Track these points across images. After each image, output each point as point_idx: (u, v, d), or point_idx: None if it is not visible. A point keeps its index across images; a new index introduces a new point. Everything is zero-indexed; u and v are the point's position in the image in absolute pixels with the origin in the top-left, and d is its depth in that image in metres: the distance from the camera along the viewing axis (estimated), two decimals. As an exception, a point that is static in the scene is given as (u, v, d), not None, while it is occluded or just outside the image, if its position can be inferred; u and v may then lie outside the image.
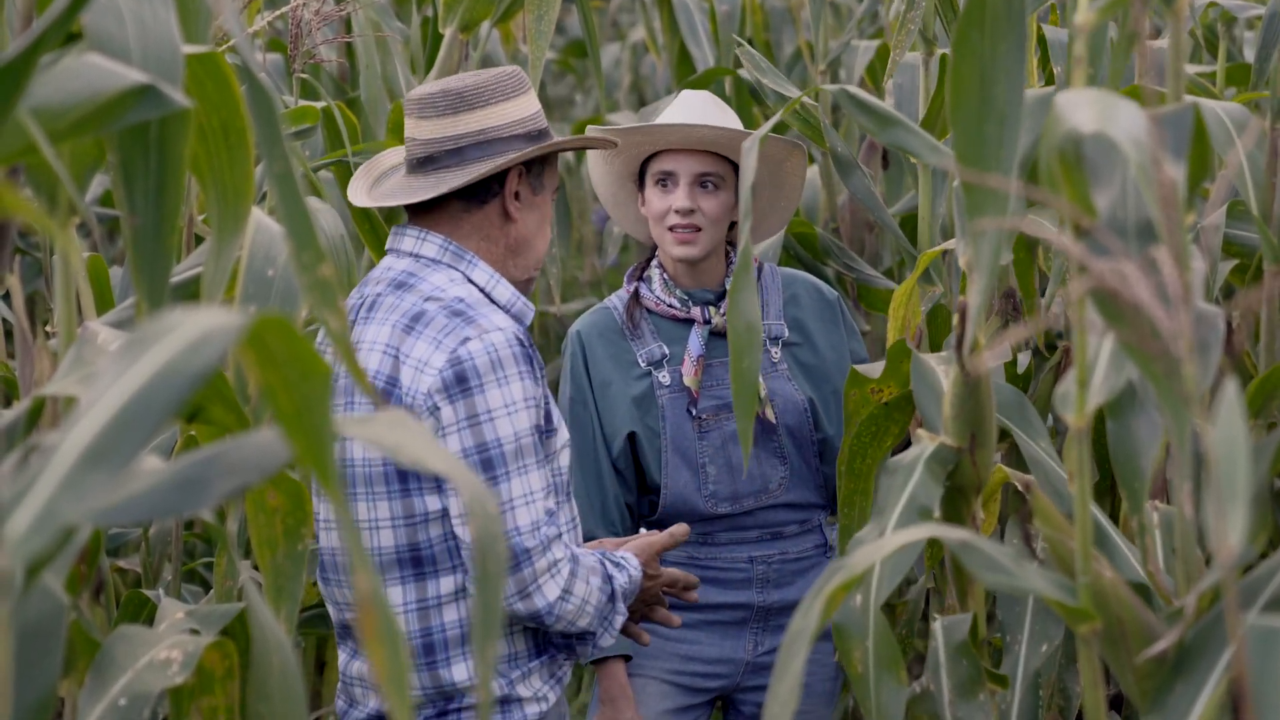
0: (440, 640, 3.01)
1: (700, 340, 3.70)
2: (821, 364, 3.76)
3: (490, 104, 3.08)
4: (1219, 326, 2.07)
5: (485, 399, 2.94)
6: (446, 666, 3.01)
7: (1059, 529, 2.41)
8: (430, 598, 3.01)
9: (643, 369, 3.72)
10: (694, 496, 3.69)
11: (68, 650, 2.34)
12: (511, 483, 2.94)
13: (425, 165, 3.10)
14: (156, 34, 2.10)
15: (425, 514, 2.98)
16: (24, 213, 1.72)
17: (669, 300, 3.73)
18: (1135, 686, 2.27)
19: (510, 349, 2.96)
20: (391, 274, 3.09)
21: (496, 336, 2.96)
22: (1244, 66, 4.64)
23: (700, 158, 3.67)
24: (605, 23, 10.07)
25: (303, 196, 1.91)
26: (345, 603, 3.10)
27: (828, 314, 3.81)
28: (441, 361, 2.95)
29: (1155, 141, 1.96)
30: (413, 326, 3.00)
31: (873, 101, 3.12)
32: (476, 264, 3.08)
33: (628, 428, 3.70)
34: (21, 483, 1.59)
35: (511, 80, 3.11)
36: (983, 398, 2.80)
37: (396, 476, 2.98)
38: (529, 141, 3.10)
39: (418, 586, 3.00)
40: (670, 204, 3.67)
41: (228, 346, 1.63)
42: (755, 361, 2.82)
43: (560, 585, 2.97)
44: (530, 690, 3.06)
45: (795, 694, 2.13)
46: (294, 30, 3.94)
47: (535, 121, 3.12)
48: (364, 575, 1.67)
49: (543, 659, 3.09)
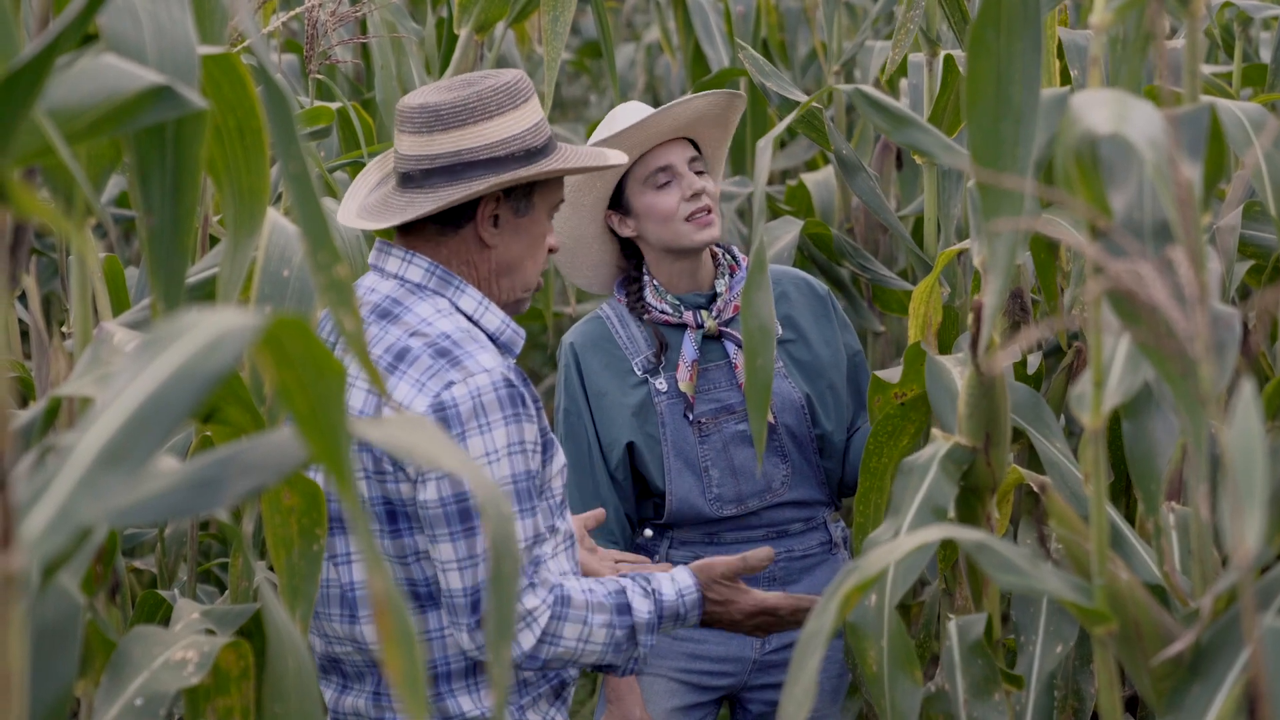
0: (444, 673, 2.97)
1: (694, 345, 3.69)
2: (816, 360, 3.76)
3: (466, 124, 2.95)
4: (1235, 327, 2.07)
5: (465, 447, 2.84)
6: (452, 697, 2.98)
7: (1074, 530, 2.41)
8: (432, 629, 2.96)
9: (638, 377, 3.71)
10: (699, 501, 3.69)
11: (84, 650, 2.34)
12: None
13: (404, 183, 3.00)
14: (172, 35, 2.10)
15: (417, 552, 2.93)
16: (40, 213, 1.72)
17: (660, 306, 3.72)
18: (1151, 688, 2.26)
19: (495, 393, 2.86)
20: (375, 297, 3.00)
21: (482, 380, 2.86)
22: (1260, 67, 4.63)
23: (684, 145, 3.68)
24: (620, 23, 10.07)
25: (318, 197, 1.91)
26: (335, 636, 3.03)
27: (819, 309, 3.80)
28: (424, 406, 2.86)
29: (1171, 142, 1.96)
30: (396, 365, 2.91)
31: (887, 101, 3.11)
32: (464, 290, 2.99)
33: (626, 438, 3.69)
34: (38, 483, 1.60)
35: (500, 95, 2.97)
36: (998, 397, 2.80)
37: (386, 516, 2.92)
38: (512, 162, 2.96)
39: (418, 620, 2.94)
40: (681, 194, 3.65)
41: (243, 347, 1.63)
42: (769, 361, 2.81)
43: (536, 633, 2.90)
44: (540, 715, 3.03)
45: (810, 694, 2.13)
46: (309, 31, 3.95)
47: (521, 141, 2.98)
48: (378, 577, 1.67)
49: (551, 683, 3.05)
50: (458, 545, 2.87)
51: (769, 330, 2.80)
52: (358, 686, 3.04)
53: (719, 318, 3.70)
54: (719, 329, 3.70)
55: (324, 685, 3.10)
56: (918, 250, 4.23)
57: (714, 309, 3.70)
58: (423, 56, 5.21)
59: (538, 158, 2.99)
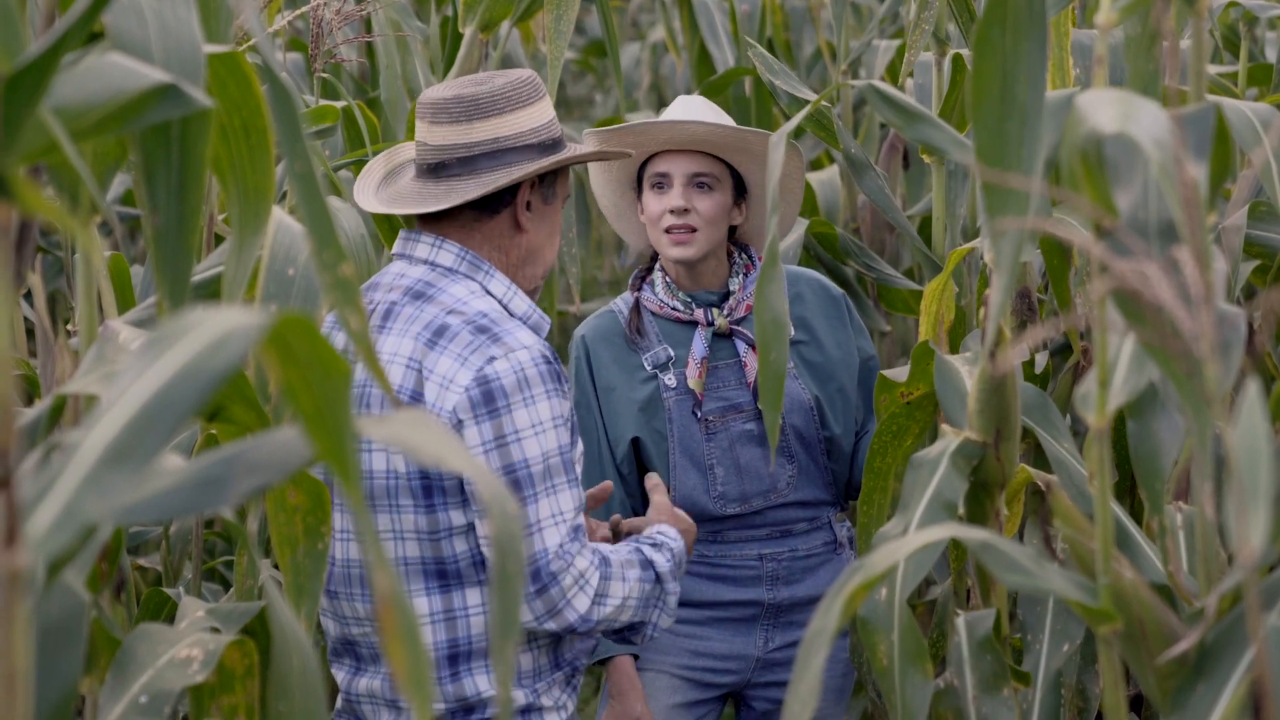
0: (465, 651, 3.00)
1: (704, 342, 3.69)
2: (827, 361, 3.75)
3: (504, 112, 3.04)
4: (1241, 327, 2.07)
5: (512, 419, 2.91)
6: (470, 676, 3.00)
7: (1080, 530, 2.41)
8: (457, 609, 3.00)
9: (648, 372, 3.72)
10: (702, 498, 3.69)
11: (89, 648, 2.34)
12: (540, 504, 2.93)
13: (437, 172, 3.07)
14: (178, 34, 2.10)
15: (450, 528, 2.96)
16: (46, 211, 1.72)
17: (672, 303, 3.72)
18: (1156, 687, 2.26)
19: (537, 368, 2.94)
20: (406, 281, 3.05)
21: (523, 355, 2.94)
22: (1265, 67, 4.63)
23: (694, 158, 3.66)
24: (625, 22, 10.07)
25: (323, 195, 1.92)
26: (354, 617, 3.06)
27: (833, 311, 3.79)
28: (468, 379, 2.92)
29: (1177, 142, 1.96)
30: (436, 341, 2.96)
31: (899, 97, 3.11)
32: (494, 274, 3.06)
33: (632, 432, 3.69)
34: (43, 481, 1.60)
35: (526, 88, 3.07)
36: (1008, 393, 2.80)
37: (422, 491, 2.95)
38: (541, 151, 3.07)
39: (444, 598, 2.99)
40: (666, 205, 3.66)
41: (249, 345, 1.63)
42: (782, 355, 2.81)
43: (590, 594, 2.96)
44: (552, 700, 3.07)
45: (815, 692, 2.13)
46: (314, 30, 3.95)
47: (549, 130, 3.08)
48: (383, 575, 1.67)
49: (564, 670, 3.09)
50: None
51: (782, 324, 2.79)
52: (373, 668, 3.08)
53: (730, 316, 3.70)
54: (730, 327, 3.70)
55: (336, 668, 3.13)
56: (926, 250, 4.23)
57: (725, 307, 3.70)
58: (427, 55, 5.21)
59: (560, 147, 3.11)
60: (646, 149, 3.69)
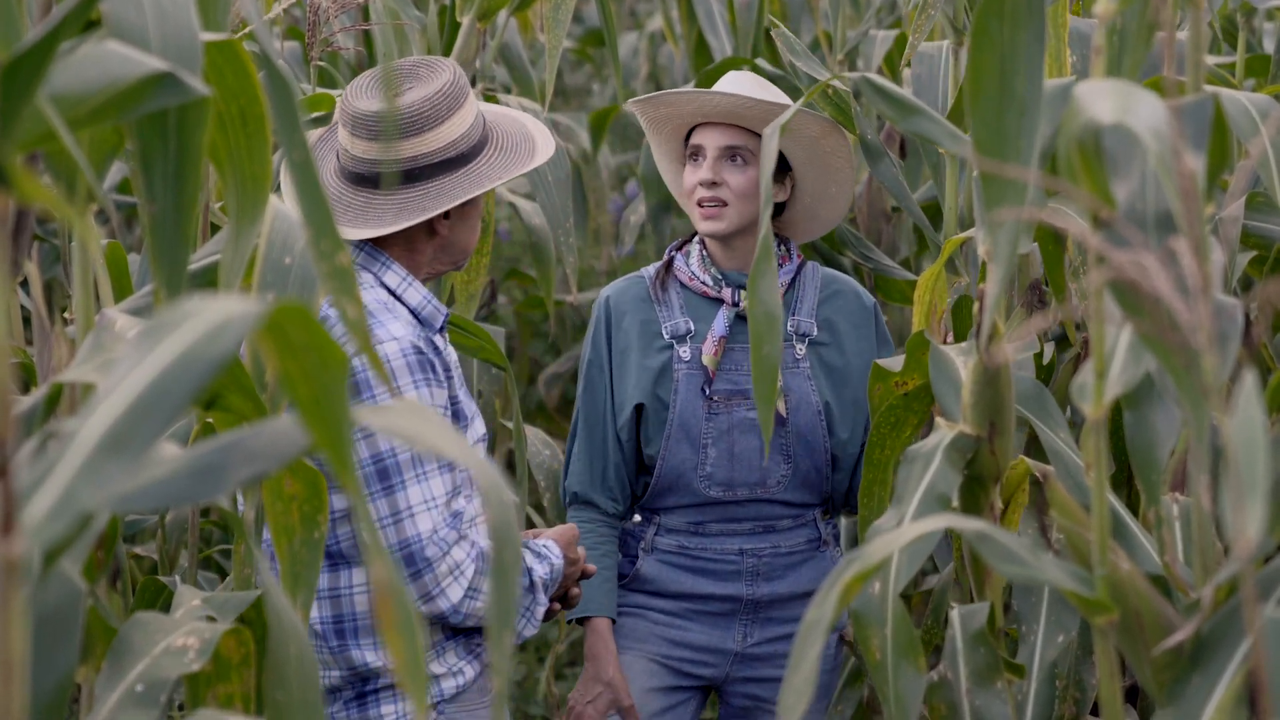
0: (351, 627, 3.10)
1: (725, 321, 3.68)
2: (846, 368, 3.73)
3: (422, 131, 3.10)
4: (1238, 318, 2.07)
5: None
6: (359, 649, 3.10)
7: (1076, 520, 2.41)
8: (343, 587, 3.10)
9: (665, 341, 3.71)
10: (690, 474, 3.67)
11: (85, 636, 2.34)
12: (409, 490, 3.00)
13: (356, 181, 3.14)
14: (175, 21, 2.10)
15: (333, 512, 3.03)
16: (43, 199, 1.72)
17: (703, 277, 3.72)
18: (1152, 678, 2.27)
19: (404, 359, 3.01)
20: None
21: (391, 347, 3.01)
22: (1264, 58, 4.62)
23: (727, 131, 3.65)
24: (623, 11, 10.06)
25: (320, 185, 1.91)
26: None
27: (862, 319, 3.77)
28: None
29: (1175, 132, 1.96)
30: None
31: (894, 89, 3.10)
32: (390, 266, 3.13)
33: (637, 398, 3.69)
34: (40, 469, 1.60)
35: (445, 101, 3.10)
36: (1002, 386, 2.79)
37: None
38: (462, 162, 3.11)
39: (330, 576, 3.09)
40: (698, 178, 3.66)
41: (245, 334, 1.63)
42: (775, 350, 2.80)
43: (464, 585, 3.05)
44: (444, 666, 3.15)
45: (810, 684, 2.13)
46: (312, 18, 3.94)
47: (467, 139, 3.13)
48: (380, 564, 1.67)
49: (459, 637, 3.16)
50: (378, 505, 3.01)
51: (775, 318, 2.78)
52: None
53: None
54: None
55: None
56: (937, 238, 4.22)
57: None
58: (425, 44, 5.20)
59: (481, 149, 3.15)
60: (680, 121, 3.69)
